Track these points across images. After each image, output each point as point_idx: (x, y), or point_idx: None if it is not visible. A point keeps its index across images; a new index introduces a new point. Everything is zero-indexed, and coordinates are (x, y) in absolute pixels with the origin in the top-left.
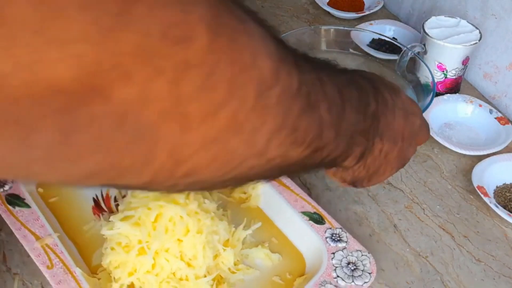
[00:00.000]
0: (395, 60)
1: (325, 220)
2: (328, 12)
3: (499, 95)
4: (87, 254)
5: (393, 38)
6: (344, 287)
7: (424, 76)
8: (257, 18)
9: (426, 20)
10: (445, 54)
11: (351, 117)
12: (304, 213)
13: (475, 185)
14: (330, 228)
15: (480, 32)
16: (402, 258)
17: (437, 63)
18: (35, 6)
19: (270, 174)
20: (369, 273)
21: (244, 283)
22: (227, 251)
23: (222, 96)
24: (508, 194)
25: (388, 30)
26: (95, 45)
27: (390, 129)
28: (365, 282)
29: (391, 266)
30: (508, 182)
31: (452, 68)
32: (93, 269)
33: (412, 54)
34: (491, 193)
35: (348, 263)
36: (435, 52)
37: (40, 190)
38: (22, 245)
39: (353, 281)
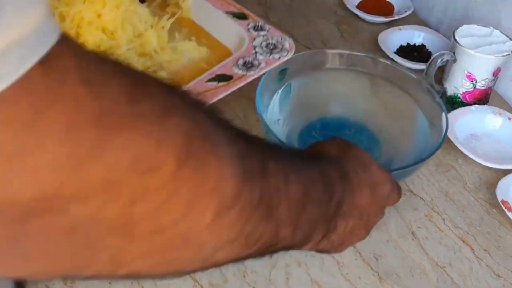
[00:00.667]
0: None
1: (248, 17)
2: (356, 15)
3: None
4: None
5: (422, 45)
6: (261, 60)
7: (453, 87)
8: (229, 125)
9: (458, 28)
10: (475, 64)
11: (313, 212)
12: (229, 12)
13: (499, 199)
14: (253, 22)
15: None
16: (419, 266)
17: (466, 72)
18: (17, 132)
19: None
20: (287, 50)
21: (172, 66)
22: (149, 32)
23: (176, 217)
24: None
25: (417, 36)
26: (62, 175)
27: (355, 208)
28: (282, 56)
29: (407, 273)
30: None
31: (482, 79)
32: None
33: (441, 62)
34: None
35: (268, 44)
36: (465, 61)
37: None
38: None
39: (271, 55)
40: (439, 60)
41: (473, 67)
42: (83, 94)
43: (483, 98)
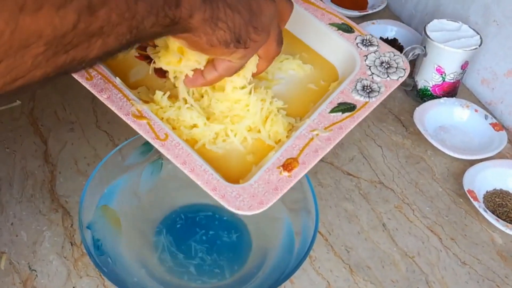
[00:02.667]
0: None
1: (354, 29)
2: None
3: (496, 101)
4: (122, 73)
5: (394, 38)
6: (380, 82)
7: (423, 80)
8: None
9: (428, 23)
10: (444, 58)
11: None
12: (332, 24)
13: (466, 189)
14: (360, 35)
15: (481, 38)
16: (389, 257)
17: (436, 66)
18: None
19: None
20: (403, 69)
21: (280, 89)
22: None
23: None
24: (497, 200)
25: (390, 30)
26: None
27: None
28: (400, 77)
29: (378, 264)
30: (498, 188)
31: (451, 72)
32: (132, 86)
33: (413, 56)
34: (480, 198)
35: (382, 63)
36: (435, 55)
37: None
38: (11, 224)
39: (388, 77)
40: (410, 54)
41: (442, 60)
42: None
43: (452, 91)
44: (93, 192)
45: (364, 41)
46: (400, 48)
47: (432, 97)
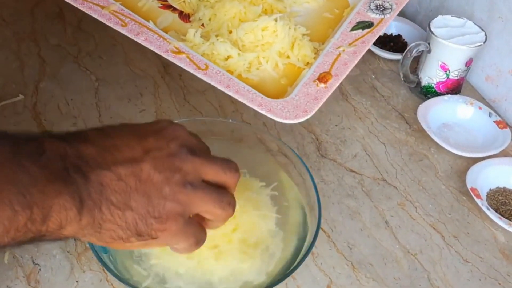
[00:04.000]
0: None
1: None
2: None
3: (500, 98)
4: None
5: (398, 35)
6: (390, 0)
7: (427, 77)
8: None
9: (433, 19)
10: (449, 54)
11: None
12: None
13: (469, 186)
14: None
15: (485, 34)
16: (391, 254)
17: (440, 62)
18: None
19: None
20: None
21: (299, 21)
22: None
23: None
24: (500, 198)
25: (393, 26)
26: None
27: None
28: None
29: (380, 261)
30: (501, 186)
31: (455, 69)
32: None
33: (417, 53)
34: (483, 196)
35: None
36: (439, 51)
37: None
38: None
39: None
40: (414, 50)
41: (446, 57)
42: None
43: (456, 88)
44: None
45: None
46: (404, 45)
47: (436, 94)
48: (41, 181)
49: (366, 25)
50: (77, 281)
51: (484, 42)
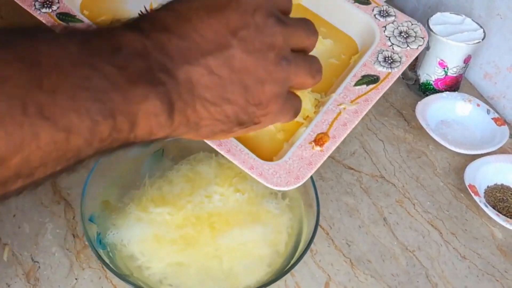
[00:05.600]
0: None
1: (370, 0)
2: None
3: (498, 96)
4: None
5: None
6: (400, 52)
7: (425, 74)
8: None
9: (431, 16)
10: (447, 51)
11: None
12: None
13: (467, 183)
14: (377, 6)
15: (484, 31)
16: (389, 251)
17: (438, 59)
18: None
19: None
20: (422, 38)
21: None
22: None
23: None
24: (498, 195)
25: None
26: None
27: (188, 45)
28: (419, 45)
29: (378, 258)
30: (499, 183)
31: (454, 66)
32: None
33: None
34: (481, 193)
35: (400, 33)
36: (437, 48)
37: (85, 12)
38: (13, 216)
39: (408, 46)
40: None
41: (445, 54)
42: None
43: (454, 85)
44: (95, 184)
45: (382, 12)
46: None
47: (434, 91)
48: (122, 85)
49: (371, 79)
50: (76, 279)
51: (482, 39)
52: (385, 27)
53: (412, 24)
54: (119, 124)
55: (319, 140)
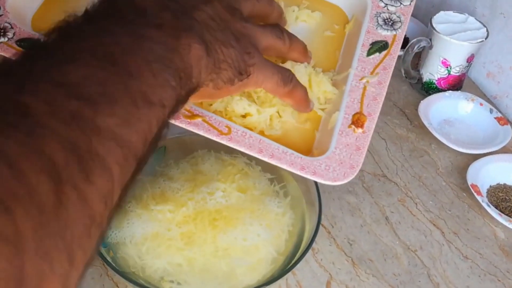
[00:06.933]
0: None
1: None
2: None
3: (501, 95)
4: None
5: None
6: (396, 11)
7: (428, 73)
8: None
9: (434, 15)
10: (450, 50)
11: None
12: None
13: (469, 183)
14: None
15: (487, 30)
16: (391, 250)
17: (441, 58)
18: None
19: None
20: None
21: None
22: None
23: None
24: (501, 194)
25: None
26: None
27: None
28: (411, 1)
29: (380, 257)
30: (502, 182)
31: (456, 65)
32: None
33: (418, 49)
34: (484, 192)
35: None
36: (440, 47)
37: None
38: None
39: (401, 4)
40: (416, 46)
41: (448, 53)
42: None
43: (457, 84)
44: None
45: None
46: (405, 40)
47: (437, 90)
48: (170, 43)
49: (381, 46)
50: None
51: (485, 38)
52: None
53: None
54: (183, 81)
55: (356, 121)
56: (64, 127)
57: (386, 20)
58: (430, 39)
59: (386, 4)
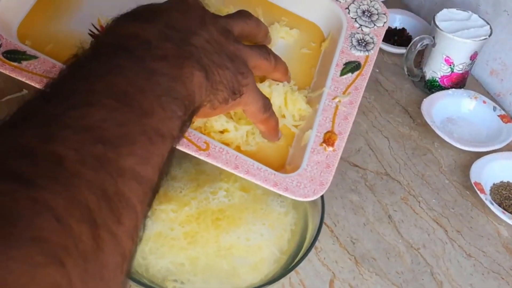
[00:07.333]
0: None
1: None
2: None
3: (504, 92)
4: None
5: (403, 28)
6: (370, 32)
7: (431, 71)
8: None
9: (437, 12)
10: (453, 48)
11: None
12: None
13: (472, 181)
14: None
15: (490, 28)
16: (394, 249)
17: (444, 56)
18: None
19: None
20: (384, 14)
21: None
22: None
23: None
24: (504, 192)
25: (398, 20)
26: None
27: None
28: (384, 23)
29: (383, 255)
30: (505, 180)
31: (460, 63)
32: None
33: (421, 46)
34: (487, 190)
35: (363, 12)
36: (443, 45)
37: (28, 42)
38: None
39: (374, 25)
40: (419, 44)
41: (451, 51)
42: None
43: (460, 82)
44: None
45: None
46: (408, 38)
47: (440, 88)
48: (174, 73)
49: (354, 66)
50: None
51: (489, 36)
52: (348, 8)
53: (371, 1)
54: (187, 108)
55: (328, 139)
56: (93, 173)
57: (360, 41)
58: (433, 37)
59: (361, 25)
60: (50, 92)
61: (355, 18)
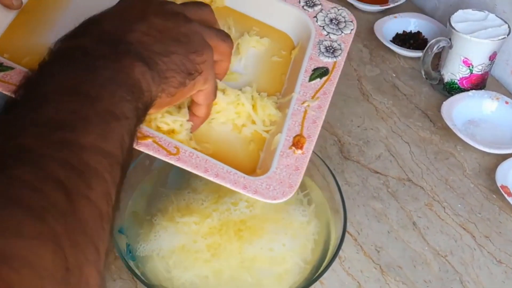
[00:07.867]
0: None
1: None
2: (351, 4)
3: None
4: None
5: (418, 32)
6: (337, 39)
7: (450, 73)
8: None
9: (453, 14)
10: (471, 49)
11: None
12: None
13: (499, 184)
14: None
15: (509, 27)
16: (420, 256)
17: (462, 58)
18: None
19: None
20: (351, 22)
21: (248, 68)
22: None
23: None
24: None
25: (413, 23)
26: None
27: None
28: (351, 30)
29: (409, 264)
30: None
31: (479, 64)
32: None
33: (438, 49)
34: None
35: (331, 20)
36: (461, 47)
37: (6, 55)
38: None
39: (342, 33)
40: (435, 47)
41: (469, 52)
42: None
43: (480, 83)
44: (123, 196)
45: (308, 2)
46: (424, 41)
47: (459, 90)
48: (116, 67)
49: (322, 72)
50: None
51: (507, 35)
52: (316, 17)
53: (338, 10)
54: (136, 94)
55: (297, 143)
56: (58, 152)
57: (328, 48)
58: (450, 39)
59: (328, 33)
60: (15, 100)
61: (323, 26)
